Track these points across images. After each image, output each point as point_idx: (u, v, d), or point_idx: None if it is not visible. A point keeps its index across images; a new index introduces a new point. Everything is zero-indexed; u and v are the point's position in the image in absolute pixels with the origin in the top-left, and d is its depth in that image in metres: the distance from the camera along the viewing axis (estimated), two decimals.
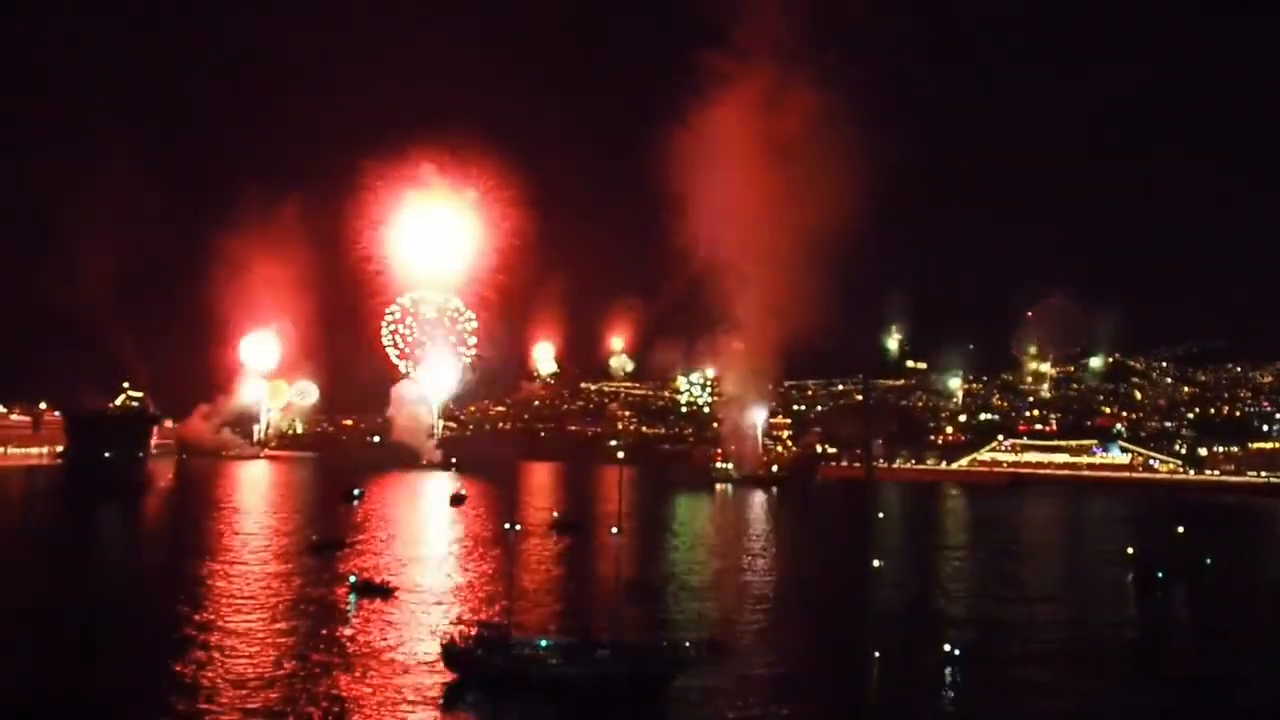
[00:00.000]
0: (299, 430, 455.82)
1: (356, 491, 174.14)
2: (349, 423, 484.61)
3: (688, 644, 58.31)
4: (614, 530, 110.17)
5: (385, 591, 77.75)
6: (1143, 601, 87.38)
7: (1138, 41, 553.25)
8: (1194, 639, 73.41)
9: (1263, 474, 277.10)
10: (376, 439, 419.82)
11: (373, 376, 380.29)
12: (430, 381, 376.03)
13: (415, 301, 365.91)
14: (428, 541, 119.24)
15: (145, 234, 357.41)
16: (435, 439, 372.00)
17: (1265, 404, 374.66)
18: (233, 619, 67.98)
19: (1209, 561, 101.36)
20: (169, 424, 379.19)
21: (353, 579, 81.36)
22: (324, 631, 64.57)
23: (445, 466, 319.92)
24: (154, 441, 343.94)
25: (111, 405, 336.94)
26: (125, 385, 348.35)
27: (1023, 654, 63.96)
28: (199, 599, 75.00)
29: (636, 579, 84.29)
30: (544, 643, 55.71)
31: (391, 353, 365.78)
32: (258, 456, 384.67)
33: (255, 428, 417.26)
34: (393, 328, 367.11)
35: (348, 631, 65.02)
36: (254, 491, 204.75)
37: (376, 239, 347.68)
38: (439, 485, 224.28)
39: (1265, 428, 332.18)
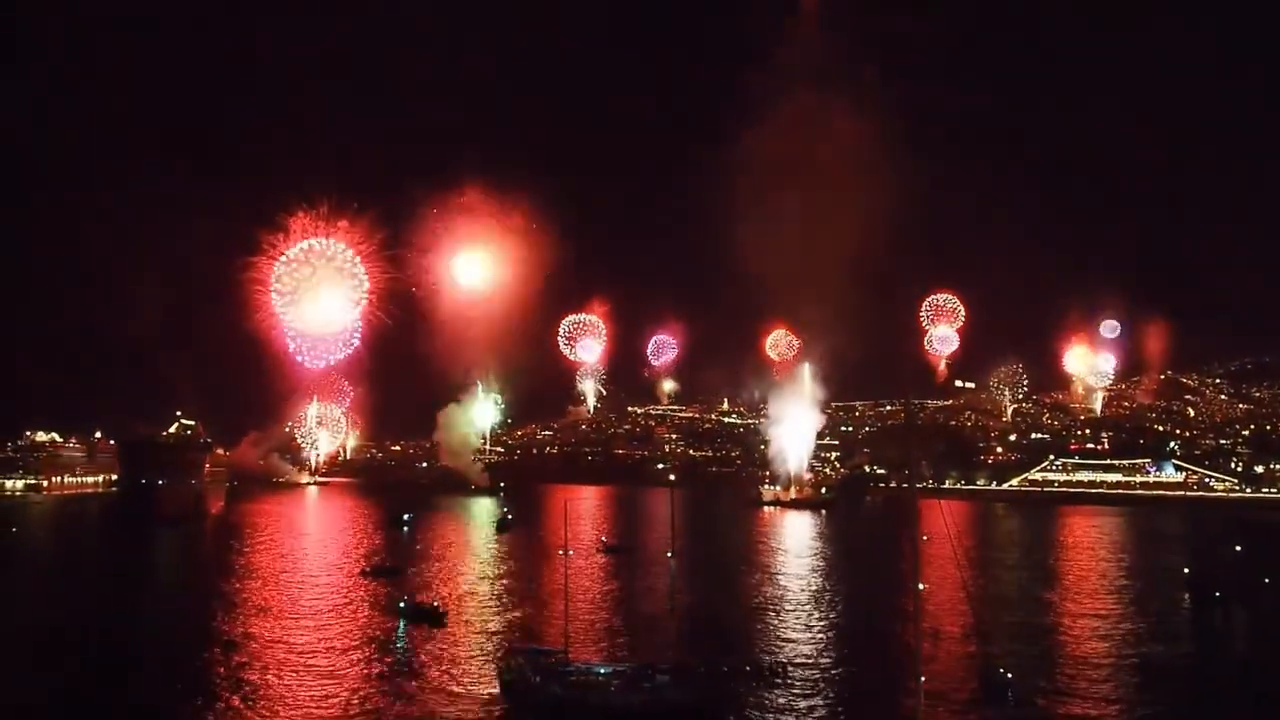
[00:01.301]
0: (348, 456, 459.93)
1: (406, 517, 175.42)
2: (397, 448, 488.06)
3: (747, 669, 58.08)
4: (669, 555, 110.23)
5: (436, 617, 78.31)
6: (1199, 622, 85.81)
7: (1182, 55, 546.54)
8: (1252, 661, 71.91)
9: None
10: (424, 464, 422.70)
11: (424, 401, 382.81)
12: (478, 407, 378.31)
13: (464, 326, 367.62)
14: (476, 566, 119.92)
15: (197, 261, 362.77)
16: (483, 464, 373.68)
17: None
18: (285, 645, 68.84)
19: (1268, 581, 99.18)
20: (220, 451, 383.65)
21: (403, 604, 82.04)
22: (376, 658, 65.30)
23: (493, 491, 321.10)
24: (206, 469, 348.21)
25: (164, 433, 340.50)
26: (178, 413, 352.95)
27: (1075, 677, 63.11)
28: (250, 625, 76.08)
29: (691, 603, 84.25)
30: (602, 669, 55.44)
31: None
32: (307, 482, 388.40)
33: (305, 454, 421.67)
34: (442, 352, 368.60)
35: (400, 658, 65.69)
36: (304, 517, 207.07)
37: (428, 262, 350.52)
38: (486, 510, 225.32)
39: None
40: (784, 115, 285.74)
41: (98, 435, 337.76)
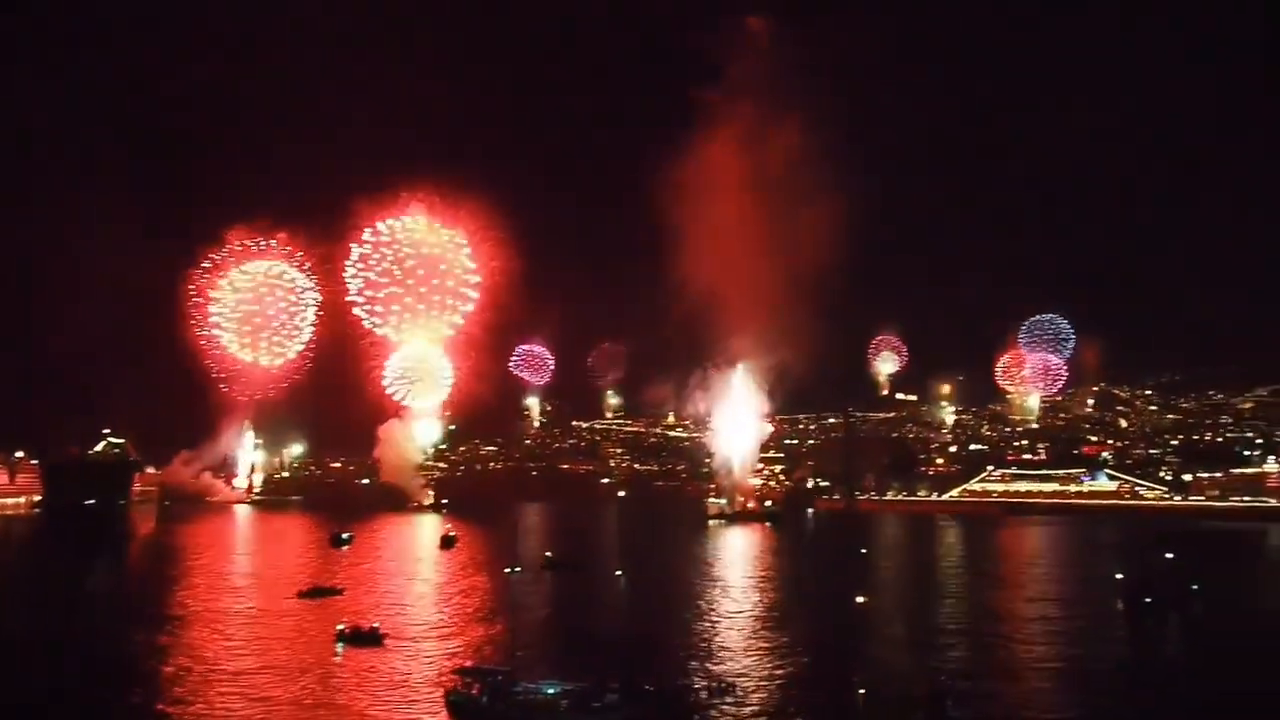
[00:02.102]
0: (285, 474, 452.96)
1: (345, 535, 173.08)
2: (337, 465, 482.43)
3: (695, 685, 58.01)
4: (618, 572, 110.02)
5: (375, 638, 77.14)
6: (1132, 628, 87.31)
7: (1118, 73, 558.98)
8: (1182, 666, 73.34)
9: (1245, 499, 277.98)
10: (365, 481, 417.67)
11: (363, 417, 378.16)
12: (420, 422, 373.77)
13: (406, 339, 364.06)
14: (420, 585, 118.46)
15: (126, 278, 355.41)
16: (426, 480, 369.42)
17: (1247, 430, 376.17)
18: (218, 671, 67.37)
19: (1196, 587, 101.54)
20: (151, 470, 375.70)
21: (341, 626, 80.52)
22: (315, 682, 64.12)
23: (435, 508, 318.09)
24: (136, 489, 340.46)
25: (91, 452, 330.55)
26: (106, 431, 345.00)
27: (1014, 683, 63.90)
28: (181, 651, 74.40)
29: (640, 620, 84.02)
30: (551, 688, 54.99)
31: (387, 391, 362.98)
32: (242, 502, 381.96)
33: (239, 473, 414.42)
34: (383, 367, 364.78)
35: (340, 682, 64.55)
36: (239, 538, 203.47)
37: (367, 278, 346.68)
38: (429, 527, 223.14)
39: (1247, 453, 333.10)
40: (732, 132, 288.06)
41: (19, 455, 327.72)
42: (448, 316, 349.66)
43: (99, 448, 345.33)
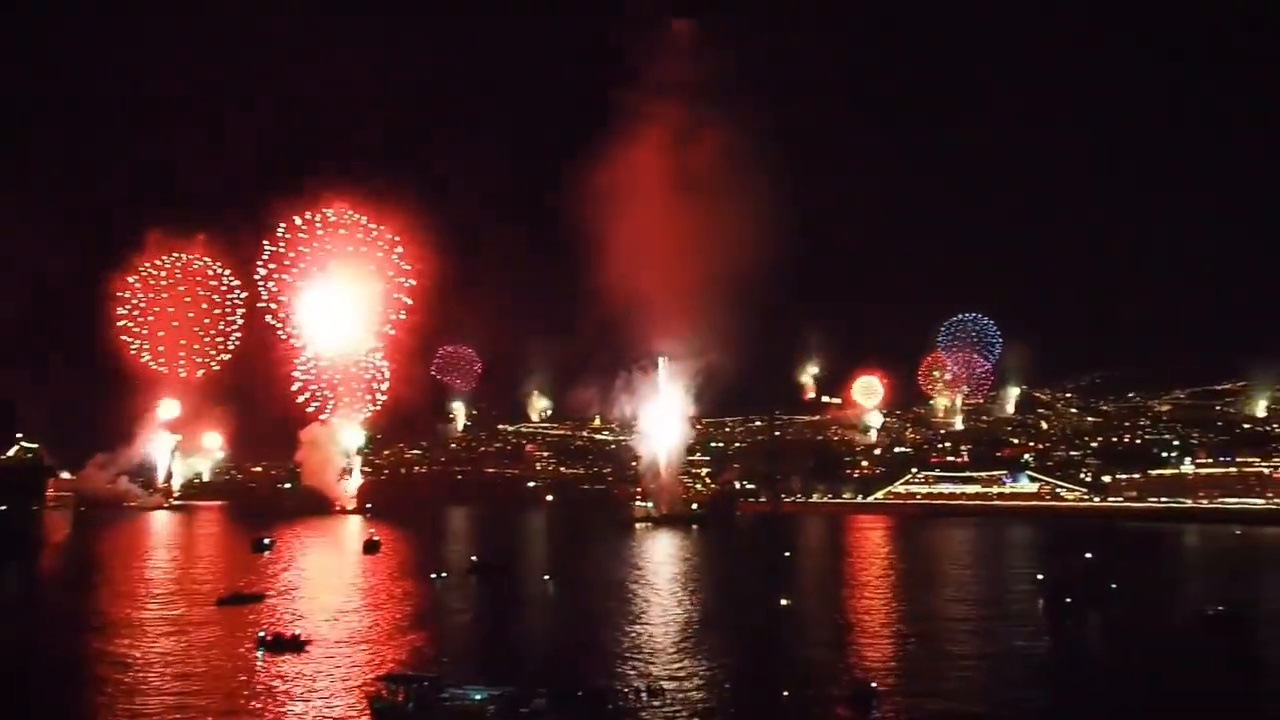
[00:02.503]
0: (205, 478, 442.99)
1: (266, 541, 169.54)
2: (258, 469, 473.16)
3: (625, 689, 57.57)
4: (545, 577, 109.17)
5: (297, 645, 75.35)
6: (1053, 627, 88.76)
7: (1041, 80, 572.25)
8: (1099, 663, 74.63)
9: (1163, 500, 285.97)
10: (287, 485, 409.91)
11: (283, 420, 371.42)
12: (343, 425, 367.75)
13: (326, 343, 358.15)
14: (343, 591, 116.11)
15: (41, 277, 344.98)
16: (348, 484, 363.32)
17: (1164, 432, 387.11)
18: (133, 681, 65.18)
19: (1114, 586, 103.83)
20: (65, 475, 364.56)
21: (262, 634, 78.52)
22: (235, 692, 62.28)
23: (359, 512, 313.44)
24: (50, 494, 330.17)
25: (3, 457, 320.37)
26: (18, 435, 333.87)
27: (938, 684, 64.36)
28: (95, 660, 71.87)
29: (568, 624, 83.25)
30: (478, 693, 54.19)
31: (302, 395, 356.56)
32: (161, 507, 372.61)
33: (158, 477, 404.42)
34: (304, 369, 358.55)
35: (261, 691, 62.79)
36: (157, 544, 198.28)
37: (286, 280, 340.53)
38: (353, 532, 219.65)
39: (1165, 455, 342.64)
40: (656, 133, 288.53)
41: None
42: (369, 320, 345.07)
43: (11, 452, 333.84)
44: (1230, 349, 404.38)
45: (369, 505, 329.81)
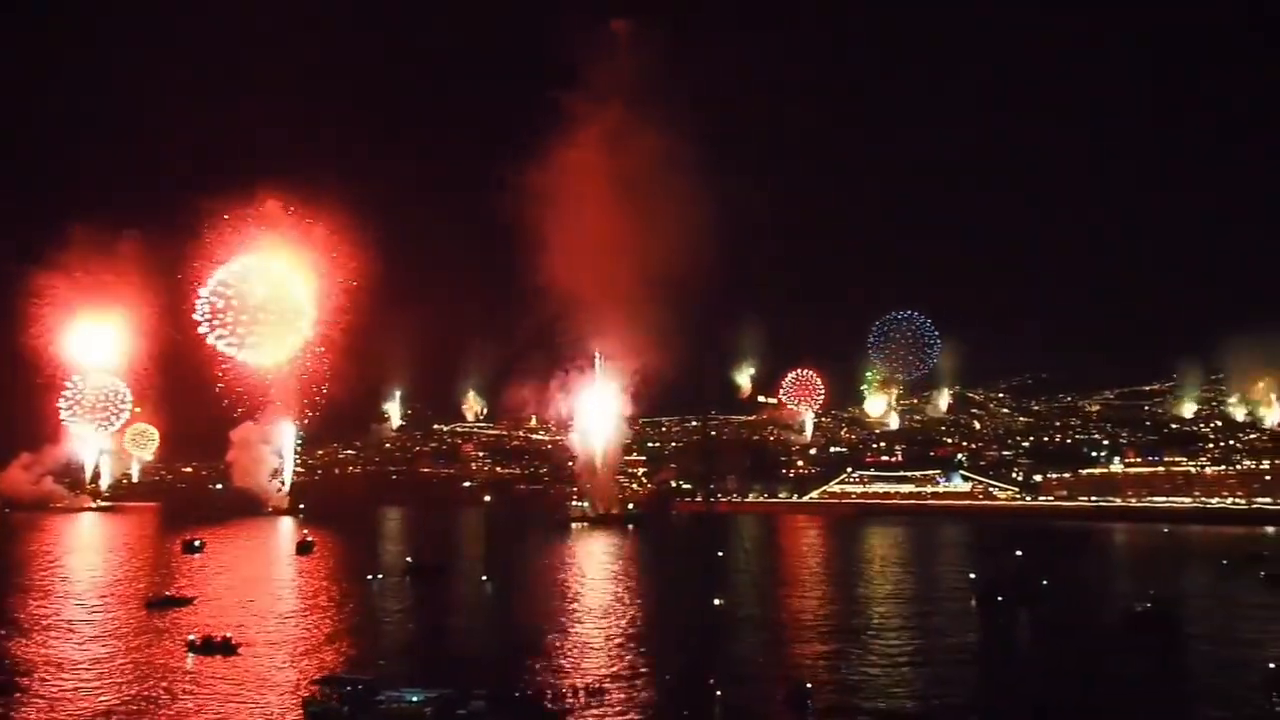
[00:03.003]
0: (135, 479, 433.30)
1: (197, 542, 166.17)
2: (189, 469, 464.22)
3: (564, 690, 57.19)
4: (484, 577, 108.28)
5: (228, 648, 73.78)
6: (985, 626, 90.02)
7: (974, 79, 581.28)
8: (1029, 658, 75.86)
9: (1092, 499, 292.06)
10: (218, 486, 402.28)
11: (214, 420, 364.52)
12: (276, 426, 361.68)
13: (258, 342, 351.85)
14: (276, 593, 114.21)
15: None
16: (281, 484, 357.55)
17: (1094, 432, 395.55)
18: (59, 685, 63.32)
19: (1045, 584, 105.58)
20: None
21: (191, 636, 76.69)
22: (164, 697, 60.77)
23: (292, 513, 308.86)
24: None
25: None
26: None
27: (872, 682, 64.94)
28: (20, 663, 69.69)
29: (505, 625, 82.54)
30: (415, 696, 53.46)
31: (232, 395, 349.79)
32: (88, 508, 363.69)
33: (85, 477, 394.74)
34: (235, 369, 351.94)
35: (189, 694, 61.32)
36: (84, 545, 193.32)
37: (218, 278, 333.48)
38: (285, 533, 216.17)
39: (1094, 455, 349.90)
40: (592, 134, 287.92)
41: None
42: (303, 319, 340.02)
43: None
44: (1158, 350, 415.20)
45: (302, 506, 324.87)
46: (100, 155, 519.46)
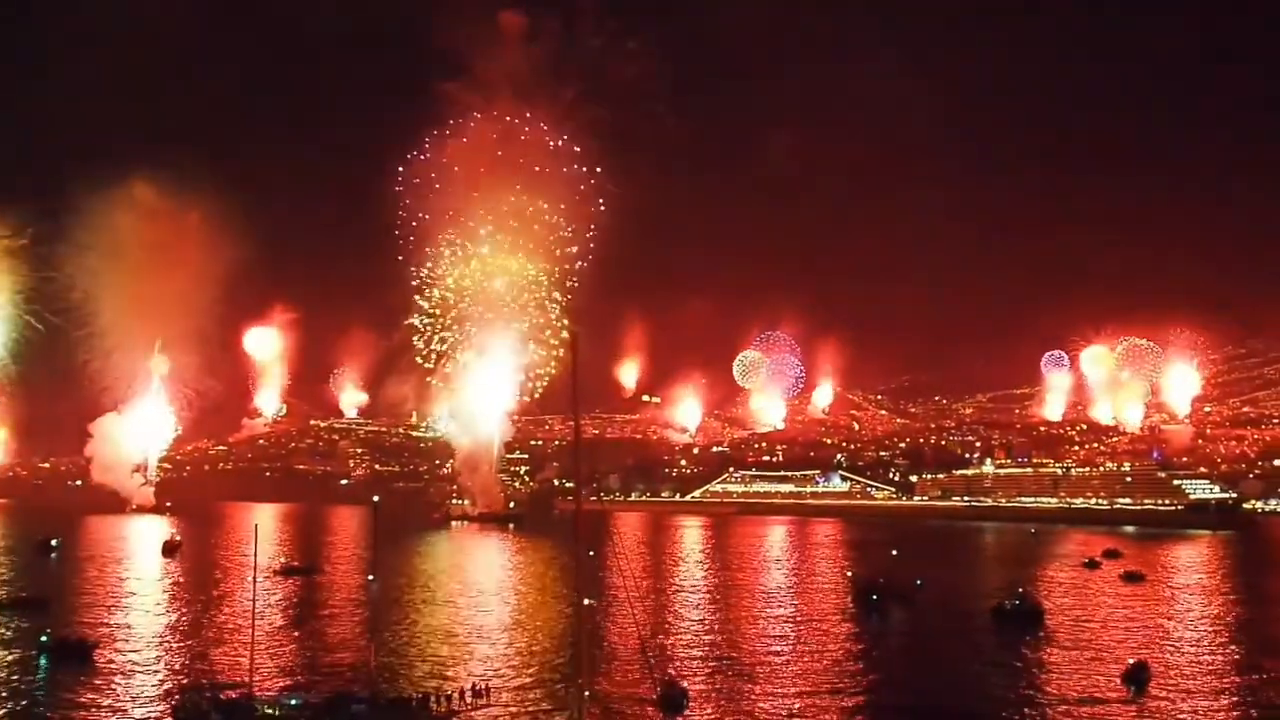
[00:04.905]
0: None
1: (53, 542, 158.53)
2: (45, 465, 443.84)
3: (448, 694, 55.83)
4: (369, 577, 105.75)
5: (84, 651, 69.77)
6: (861, 622, 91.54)
7: (853, 76, 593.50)
8: (905, 657, 77.17)
9: (965, 499, 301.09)
10: (78, 483, 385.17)
11: (74, 413, 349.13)
12: (139, 418, 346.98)
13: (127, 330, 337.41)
14: (141, 595, 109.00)
15: None
16: (146, 481, 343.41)
17: (968, 434, 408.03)
18: None
19: (919, 582, 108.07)
20: None
21: (44, 639, 72.13)
22: (13, 704, 57.20)
23: (158, 511, 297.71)
24: None
25: None
26: None
27: (749, 681, 65.16)
28: None
29: (384, 627, 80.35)
30: (293, 700, 51.59)
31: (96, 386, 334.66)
32: None
33: None
34: (99, 359, 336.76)
35: (43, 702, 57.86)
36: None
37: (84, 264, 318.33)
38: (151, 532, 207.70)
39: (967, 456, 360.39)
40: (481, 130, 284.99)
41: None
42: (173, 309, 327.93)
43: None
44: (1027, 354, 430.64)
45: (169, 504, 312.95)
46: None
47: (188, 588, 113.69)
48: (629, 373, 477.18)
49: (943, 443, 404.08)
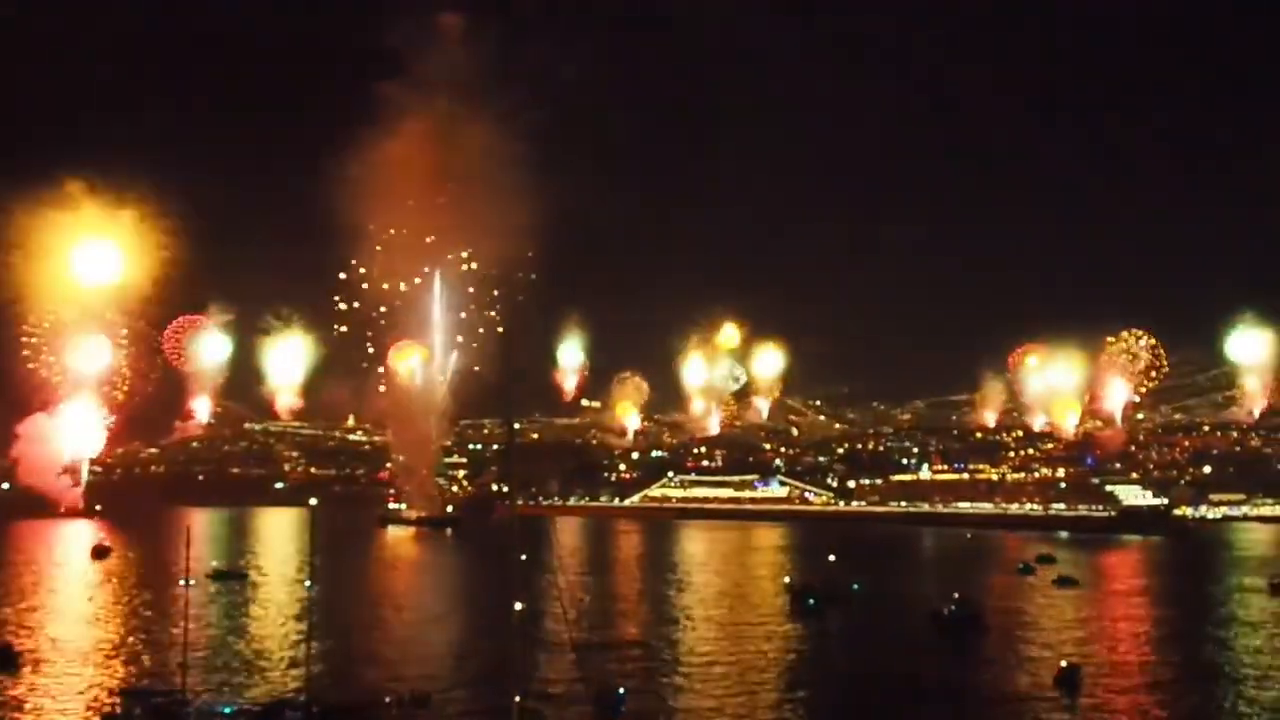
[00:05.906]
0: None
1: None
2: None
3: (388, 699, 55.46)
4: (307, 582, 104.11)
5: (9, 658, 68.16)
6: (797, 625, 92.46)
7: (799, 83, 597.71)
8: (841, 662, 78.04)
9: (903, 504, 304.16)
10: (4, 485, 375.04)
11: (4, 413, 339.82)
12: (69, 420, 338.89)
13: (56, 330, 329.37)
14: (68, 600, 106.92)
15: None
16: (75, 484, 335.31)
17: (905, 440, 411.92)
18: None
19: (856, 587, 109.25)
20: None
21: None
22: None
23: (87, 515, 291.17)
24: None
25: None
26: None
27: (686, 683, 65.67)
28: None
29: (319, 631, 79.40)
30: (228, 708, 51.01)
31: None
32: None
33: None
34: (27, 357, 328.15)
35: None
36: None
37: (11, 261, 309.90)
38: (80, 535, 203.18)
39: (904, 461, 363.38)
40: (417, 128, 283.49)
41: None
42: (103, 305, 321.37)
43: None
44: (964, 360, 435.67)
45: (98, 507, 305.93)
46: None
47: (118, 593, 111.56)
48: (569, 376, 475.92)
49: (880, 448, 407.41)
